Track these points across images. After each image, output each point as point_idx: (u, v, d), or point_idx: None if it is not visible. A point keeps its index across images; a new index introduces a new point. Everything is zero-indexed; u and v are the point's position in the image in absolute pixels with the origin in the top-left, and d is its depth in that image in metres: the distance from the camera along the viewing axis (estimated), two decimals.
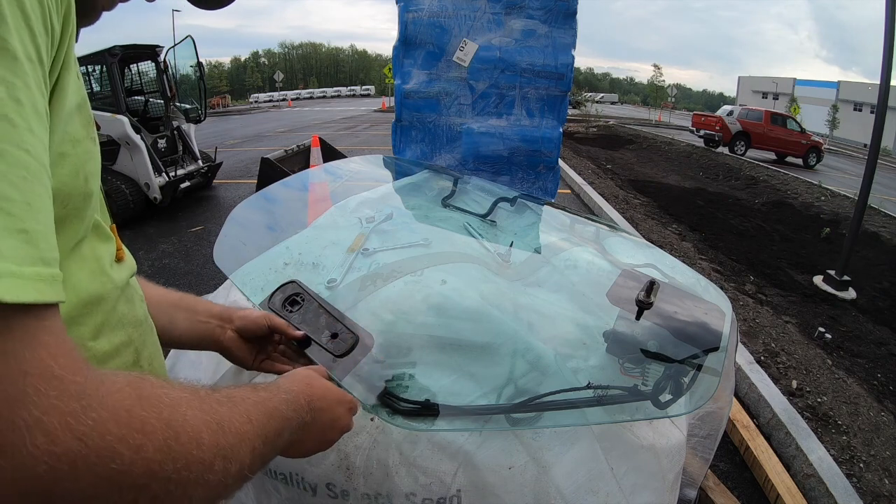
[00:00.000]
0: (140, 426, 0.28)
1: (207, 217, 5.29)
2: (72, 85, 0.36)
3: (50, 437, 0.24)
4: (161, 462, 0.28)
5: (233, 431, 0.35)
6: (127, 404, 0.28)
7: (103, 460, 0.26)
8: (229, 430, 0.34)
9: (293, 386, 0.49)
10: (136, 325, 0.49)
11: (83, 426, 0.25)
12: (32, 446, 0.23)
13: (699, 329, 0.94)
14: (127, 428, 0.27)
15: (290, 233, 1.22)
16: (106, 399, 0.27)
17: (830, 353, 2.84)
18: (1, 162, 0.25)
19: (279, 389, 0.46)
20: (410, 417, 0.76)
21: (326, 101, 46.63)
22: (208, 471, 0.31)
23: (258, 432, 0.38)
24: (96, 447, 0.25)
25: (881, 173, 7.36)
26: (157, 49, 5.85)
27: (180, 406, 0.31)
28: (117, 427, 0.27)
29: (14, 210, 0.25)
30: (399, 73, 2.64)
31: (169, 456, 0.29)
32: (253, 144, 11.34)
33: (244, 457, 0.35)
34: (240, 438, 0.35)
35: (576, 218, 1.56)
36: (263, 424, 0.39)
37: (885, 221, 6.65)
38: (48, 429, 0.24)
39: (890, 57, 3.62)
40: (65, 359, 0.26)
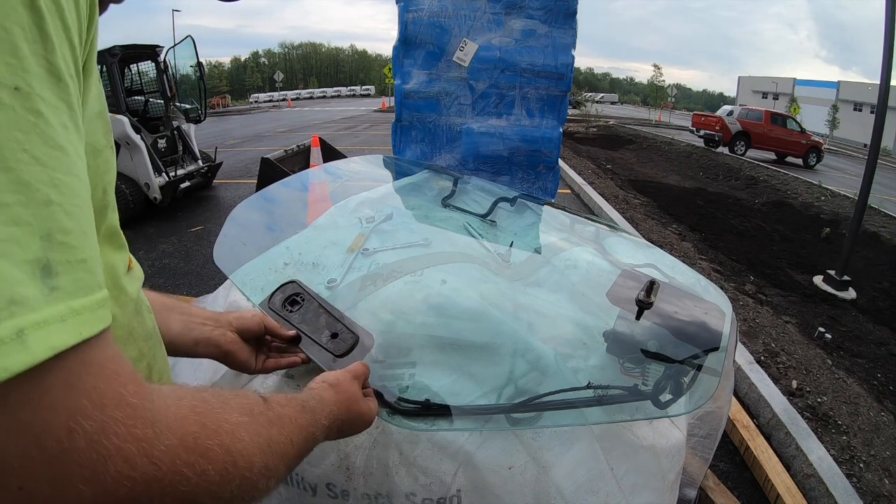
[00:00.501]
0: (204, 452, 0.30)
1: (207, 217, 5.29)
2: (94, 90, 0.35)
3: (129, 462, 0.26)
4: (220, 484, 0.30)
5: (278, 453, 0.38)
6: (193, 430, 0.30)
7: (173, 484, 0.28)
8: (276, 451, 0.38)
9: (336, 410, 0.53)
10: (147, 338, 0.48)
11: (157, 451, 0.27)
12: (115, 472, 0.25)
13: (699, 329, 0.94)
14: (194, 454, 0.29)
15: (290, 233, 1.22)
16: (174, 426, 0.29)
17: (830, 353, 2.85)
18: (58, 193, 0.25)
19: (323, 415, 0.50)
20: (410, 417, 0.76)
21: (326, 101, 46.64)
22: (255, 489, 0.34)
23: (296, 453, 0.42)
24: (168, 471, 0.27)
25: (881, 173, 7.36)
26: (157, 49, 5.85)
27: (238, 432, 0.34)
28: (186, 453, 0.29)
29: (73, 241, 0.26)
30: (399, 73, 2.64)
31: (227, 479, 0.31)
32: (253, 144, 11.34)
33: (282, 474, 0.39)
34: (282, 459, 0.39)
35: (576, 218, 1.56)
36: (300, 448, 0.43)
37: (885, 221, 6.65)
38: (127, 455, 0.26)
39: (890, 57, 3.62)
40: (133, 385, 0.28)
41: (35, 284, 0.23)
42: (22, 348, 0.22)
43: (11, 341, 0.22)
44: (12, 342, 0.22)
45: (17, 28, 0.24)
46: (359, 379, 0.63)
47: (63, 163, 0.26)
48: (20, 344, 0.22)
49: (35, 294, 0.23)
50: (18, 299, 0.22)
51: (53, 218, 0.25)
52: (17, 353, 0.22)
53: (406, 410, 0.77)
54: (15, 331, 0.22)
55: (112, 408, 0.26)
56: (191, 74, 6.50)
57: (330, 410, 0.52)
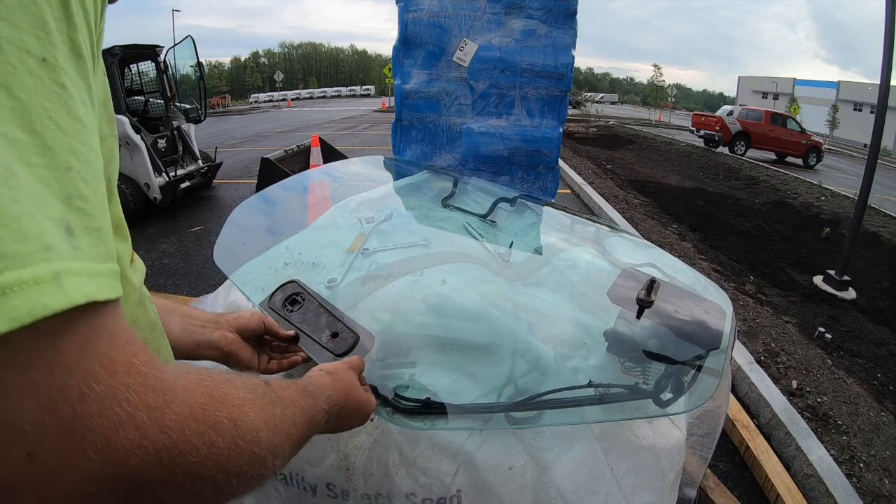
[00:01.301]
0: (213, 423, 0.30)
1: (207, 217, 5.29)
2: (100, 77, 0.35)
3: (140, 430, 0.25)
4: (229, 457, 0.30)
5: (282, 432, 0.38)
6: (201, 401, 0.30)
7: (183, 454, 0.27)
8: (280, 430, 0.38)
9: (335, 395, 0.54)
10: (151, 328, 0.48)
11: (168, 420, 0.27)
12: (126, 440, 0.25)
13: (700, 328, 0.94)
14: (203, 425, 0.29)
15: (290, 233, 1.22)
16: (183, 396, 0.29)
17: (830, 353, 2.84)
18: (77, 162, 0.26)
19: (322, 399, 0.51)
20: (411, 417, 0.76)
21: (326, 101, 46.64)
22: (261, 466, 0.34)
23: (299, 435, 0.42)
24: (179, 441, 0.27)
25: (881, 173, 7.36)
26: (157, 49, 5.84)
27: (244, 406, 0.34)
28: (195, 423, 0.29)
29: (90, 209, 0.26)
30: (399, 73, 2.64)
31: (235, 452, 0.31)
32: (253, 144, 11.34)
33: (286, 454, 0.39)
34: (286, 439, 0.39)
35: (576, 218, 1.56)
36: (303, 430, 0.43)
37: (885, 221, 6.65)
38: (138, 423, 0.25)
39: (890, 57, 3.62)
40: (143, 355, 0.28)
41: (63, 238, 0.24)
42: (59, 290, 0.23)
43: (49, 282, 0.22)
44: (50, 282, 0.22)
45: (46, 5, 0.25)
46: (355, 369, 0.64)
47: (81, 134, 0.27)
48: (57, 285, 0.23)
49: (65, 246, 0.24)
50: (53, 246, 0.23)
51: (73, 184, 0.25)
52: (56, 294, 0.22)
53: (406, 410, 0.77)
54: (52, 272, 0.22)
55: (123, 374, 0.26)
56: (191, 74, 6.50)
57: (328, 395, 0.52)
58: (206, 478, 0.29)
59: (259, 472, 0.34)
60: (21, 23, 0.24)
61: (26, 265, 0.22)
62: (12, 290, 0.21)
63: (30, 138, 0.24)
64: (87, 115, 0.28)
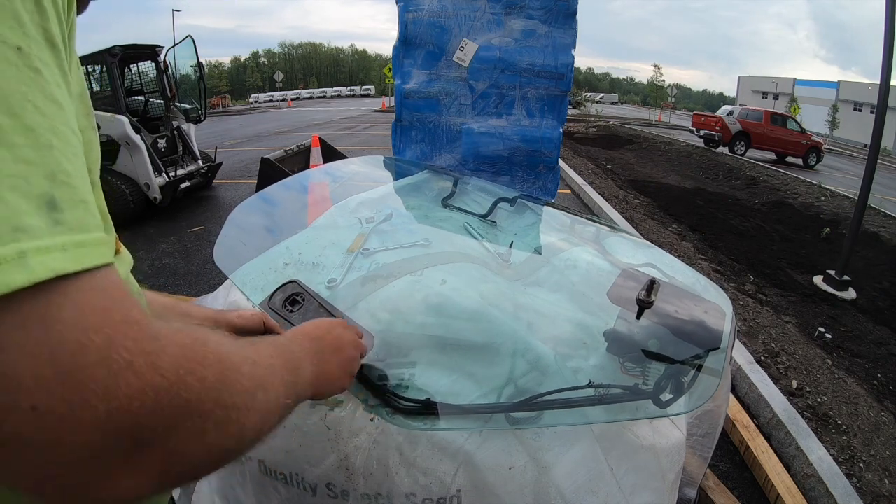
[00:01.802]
0: (201, 359, 0.32)
1: (207, 217, 5.29)
2: (75, 72, 0.37)
3: (139, 375, 0.27)
4: (219, 391, 0.32)
5: (264, 364, 0.40)
6: (187, 342, 0.32)
7: (178, 392, 0.29)
8: (261, 363, 0.40)
9: (288, 333, 0.57)
10: None
11: (162, 362, 0.29)
12: (126, 386, 0.26)
13: (700, 328, 0.94)
14: (193, 362, 0.31)
15: (290, 233, 1.22)
16: (172, 338, 0.31)
17: (830, 353, 2.84)
18: (58, 140, 0.28)
19: (297, 333, 0.56)
20: (411, 417, 0.76)
21: (326, 101, 46.63)
22: (253, 399, 0.36)
23: (282, 364, 0.44)
24: (174, 380, 0.29)
25: (881, 173, 7.36)
26: (157, 49, 5.84)
27: (223, 345, 0.36)
28: (186, 361, 0.30)
29: (74, 183, 0.28)
30: (399, 73, 2.64)
31: (224, 385, 0.33)
32: (253, 144, 11.34)
33: (278, 386, 0.41)
34: (270, 370, 0.41)
35: (576, 218, 1.56)
36: (284, 357, 0.45)
37: (885, 221, 6.65)
38: (136, 368, 0.27)
39: (890, 57, 3.62)
40: (137, 308, 0.30)
41: (41, 216, 0.26)
42: (22, 268, 0.24)
43: (13, 261, 0.24)
44: (13, 262, 0.24)
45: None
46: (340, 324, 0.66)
47: (59, 115, 0.29)
48: (21, 264, 0.24)
49: (40, 224, 0.26)
50: (23, 227, 0.25)
51: (56, 160, 0.27)
52: (18, 272, 0.24)
53: (406, 410, 0.77)
54: (17, 252, 0.24)
55: (121, 324, 0.28)
56: (191, 74, 6.50)
57: (302, 329, 0.57)
58: (205, 414, 0.31)
59: (254, 406, 0.36)
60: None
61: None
62: None
63: (11, 121, 0.25)
64: (64, 98, 0.30)
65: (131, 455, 0.27)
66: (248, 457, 0.88)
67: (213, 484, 1.03)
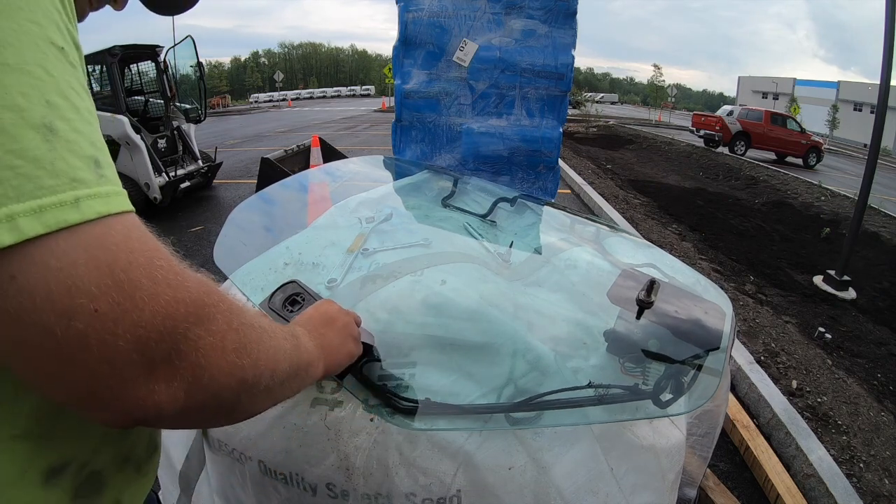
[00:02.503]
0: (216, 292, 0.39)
1: (207, 217, 5.29)
2: None
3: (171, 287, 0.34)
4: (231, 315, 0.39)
5: (266, 322, 0.45)
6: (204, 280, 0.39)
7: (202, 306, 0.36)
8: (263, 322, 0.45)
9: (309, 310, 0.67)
10: None
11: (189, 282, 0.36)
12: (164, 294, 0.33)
13: (700, 328, 0.94)
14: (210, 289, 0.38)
15: (290, 233, 1.22)
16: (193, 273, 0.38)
17: (830, 353, 2.84)
18: (93, 119, 0.36)
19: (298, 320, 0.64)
20: (410, 417, 0.76)
21: (326, 101, 46.62)
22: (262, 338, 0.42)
23: (282, 332, 0.48)
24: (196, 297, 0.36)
25: (881, 173, 7.36)
26: (157, 49, 5.84)
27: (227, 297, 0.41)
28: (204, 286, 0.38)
29: (105, 150, 0.36)
30: (399, 73, 2.64)
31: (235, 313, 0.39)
32: (253, 144, 11.34)
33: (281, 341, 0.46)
34: (272, 327, 0.46)
35: (576, 218, 1.56)
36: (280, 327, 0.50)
37: (885, 221, 6.65)
38: (170, 282, 0.34)
39: (890, 57, 3.62)
40: (164, 247, 0.37)
41: (91, 171, 0.33)
42: (76, 210, 0.31)
43: (69, 205, 0.31)
44: (70, 206, 0.31)
45: (54, 10, 0.35)
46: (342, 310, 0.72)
47: (89, 101, 0.36)
48: (75, 208, 0.31)
49: (91, 177, 0.33)
50: (80, 178, 0.32)
51: (94, 132, 0.35)
52: (72, 213, 0.31)
53: (406, 410, 0.77)
54: (73, 199, 0.31)
55: (154, 251, 0.35)
56: (191, 74, 6.50)
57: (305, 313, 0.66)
58: (223, 332, 0.37)
59: (262, 342, 0.41)
60: (45, 23, 0.34)
61: (55, 193, 0.31)
62: (44, 209, 0.30)
63: (64, 102, 0.33)
64: (87, 90, 0.37)
65: (167, 359, 0.33)
66: (248, 457, 0.88)
67: (213, 484, 1.03)
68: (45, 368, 0.31)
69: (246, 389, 0.39)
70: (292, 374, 0.47)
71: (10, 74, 0.30)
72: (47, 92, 0.32)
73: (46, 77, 0.32)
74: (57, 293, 0.29)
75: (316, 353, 0.55)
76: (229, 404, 0.39)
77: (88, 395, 0.32)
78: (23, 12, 0.32)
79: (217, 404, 0.38)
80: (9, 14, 0.31)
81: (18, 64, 0.31)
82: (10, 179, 0.29)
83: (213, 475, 1.02)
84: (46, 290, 0.29)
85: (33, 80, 0.31)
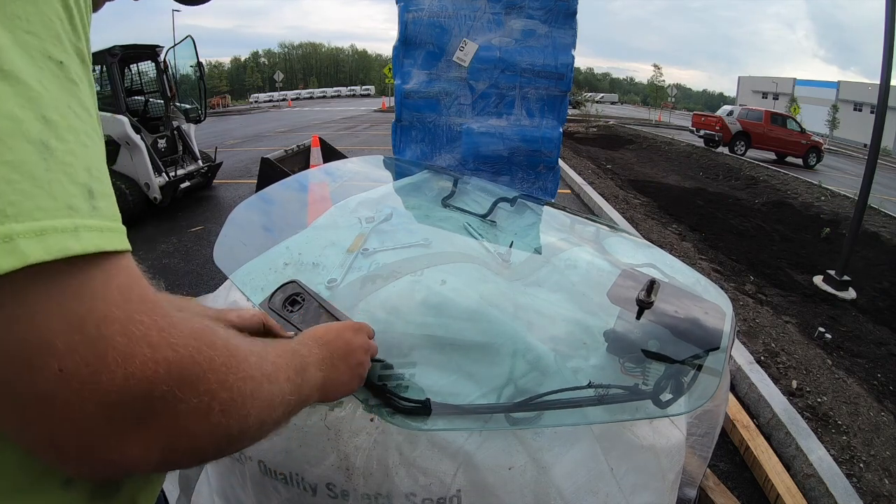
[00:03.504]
0: (210, 343, 0.35)
1: (207, 217, 5.29)
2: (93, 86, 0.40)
3: (153, 347, 0.30)
4: (226, 373, 0.35)
5: (270, 361, 0.43)
6: (199, 327, 0.35)
7: (188, 367, 0.32)
8: (267, 359, 0.42)
9: (298, 336, 0.59)
10: None
11: (174, 338, 0.32)
12: (141, 355, 0.30)
13: (700, 328, 0.94)
14: (202, 342, 0.34)
15: (290, 233, 1.22)
16: (183, 321, 0.34)
17: (830, 353, 2.84)
18: (91, 142, 0.32)
19: (306, 335, 0.58)
20: (411, 417, 0.76)
21: (326, 101, 46.62)
22: (259, 388, 0.39)
23: (288, 364, 0.46)
24: (184, 355, 0.32)
25: (881, 173, 7.36)
26: (157, 49, 5.84)
27: (231, 337, 0.39)
28: (195, 341, 0.33)
29: (103, 178, 0.32)
30: (399, 73, 2.64)
31: (231, 369, 0.36)
32: (253, 144, 11.34)
33: (283, 383, 0.43)
34: (276, 367, 0.43)
35: (576, 218, 1.56)
36: (289, 359, 0.47)
37: (885, 221, 6.65)
38: (151, 340, 0.30)
39: (890, 57, 3.62)
40: (151, 290, 0.33)
41: (84, 200, 0.30)
42: (76, 240, 0.28)
43: (69, 233, 0.28)
44: (70, 234, 0.28)
45: (57, 20, 0.32)
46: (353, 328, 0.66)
47: (90, 122, 0.33)
48: (75, 237, 0.28)
49: (86, 207, 0.30)
50: (75, 206, 0.29)
51: (91, 158, 0.32)
52: (73, 242, 0.28)
53: (406, 410, 0.77)
54: (72, 227, 0.28)
55: (138, 302, 0.31)
56: (191, 74, 6.50)
57: (313, 333, 0.58)
58: (211, 392, 0.33)
59: (260, 395, 0.38)
60: (43, 34, 0.30)
61: (55, 218, 0.27)
62: (45, 232, 0.27)
63: (62, 120, 0.30)
64: (93, 107, 0.34)
65: (141, 422, 0.30)
66: (248, 457, 0.88)
67: (213, 484, 1.03)
68: (7, 419, 0.28)
69: (231, 442, 0.37)
70: (285, 416, 0.44)
71: (5, 83, 0.28)
72: (44, 108, 0.29)
73: (44, 92, 0.29)
74: (20, 344, 0.26)
75: (318, 388, 0.52)
76: (211, 455, 0.37)
77: (53, 452, 0.29)
78: (19, 21, 0.29)
79: (199, 458, 0.36)
80: (3, 23, 0.29)
81: (13, 72, 0.28)
82: (8, 194, 0.26)
83: (212, 475, 1.02)
84: (9, 338, 0.26)
85: (31, 93, 0.29)
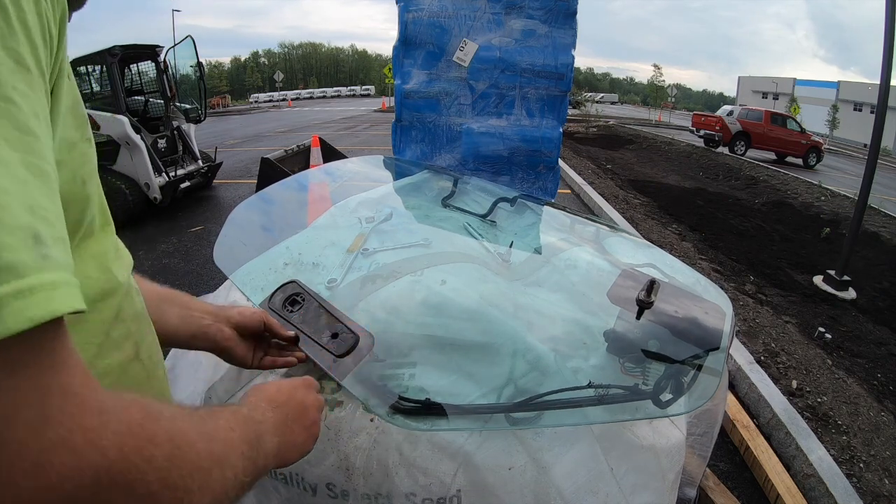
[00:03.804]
0: (150, 437, 0.29)
1: (207, 217, 5.29)
2: (65, 87, 0.36)
3: (75, 453, 0.25)
4: (169, 470, 0.30)
5: (220, 439, 0.37)
6: (137, 418, 0.29)
7: (122, 472, 0.27)
8: (217, 438, 0.37)
9: (248, 398, 0.52)
10: (135, 318, 0.49)
11: (105, 440, 0.26)
12: (59, 464, 0.24)
13: (699, 328, 0.94)
14: (140, 439, 0.28)
15: (290, 233, 1.22)
16: (121, 413, 0.28)
17: (830, 353, 2.84)
18: (36, 177, 0.26)
19: (241, 404, 0.49)
20: (410, 417, 0.76)
21: (326, 101, 46.62)
22: (208, 478, 0.33)
23: (241, 437, 0.40)
24: (116, 459, 0.27)
25: (881, 173, 7.35)
26: (157, 49, 5.84)
27: (177, 420, 0.33)
28: (132, 439, 0.28)
29: (52, 219, 0.26)
30: (399, 73, 2.64)
31: (175, 465, 0.30)
32: (253, 144, 11.34)
33: (236, 462, 0.38)
34: (228, 445, 0.38)
35: (576, 218, 1.56)
36: (242, 431, 0.41)
37: (885, 221, 6.65)
38: (73, 446, 0.25)
39: (890, 57, 3.62)
40: (81, 375, 0.27)
41: (28, 249, 0.24)
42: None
43: None
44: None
45: None
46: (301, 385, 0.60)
47: (34, 147, 0.26)
48: None
49: (28, 259, 0.23)
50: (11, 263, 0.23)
51: (32, 195, 0.25)
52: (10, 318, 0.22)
53: (406, 410, 0.77)
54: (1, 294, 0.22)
55: (58, 397, 0.25)
56: (191, 74, 6.50)
57: (245, 401, 0.50)
58: (152, 496, 0.28)
59: (209, 485, 0.33)
60: None
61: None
62: None
63: None
64: (41, 127, 0.28)
65: None
66: None
67: None
68: None
69: None
70: (241, 494, 0.39)
71: None
72: None
73: None
74: None
75: (273, 455, 0.46)
76: None
77: None
78: None
79: None
80: None
81: None
82: None
83: None
84: None
85: None
